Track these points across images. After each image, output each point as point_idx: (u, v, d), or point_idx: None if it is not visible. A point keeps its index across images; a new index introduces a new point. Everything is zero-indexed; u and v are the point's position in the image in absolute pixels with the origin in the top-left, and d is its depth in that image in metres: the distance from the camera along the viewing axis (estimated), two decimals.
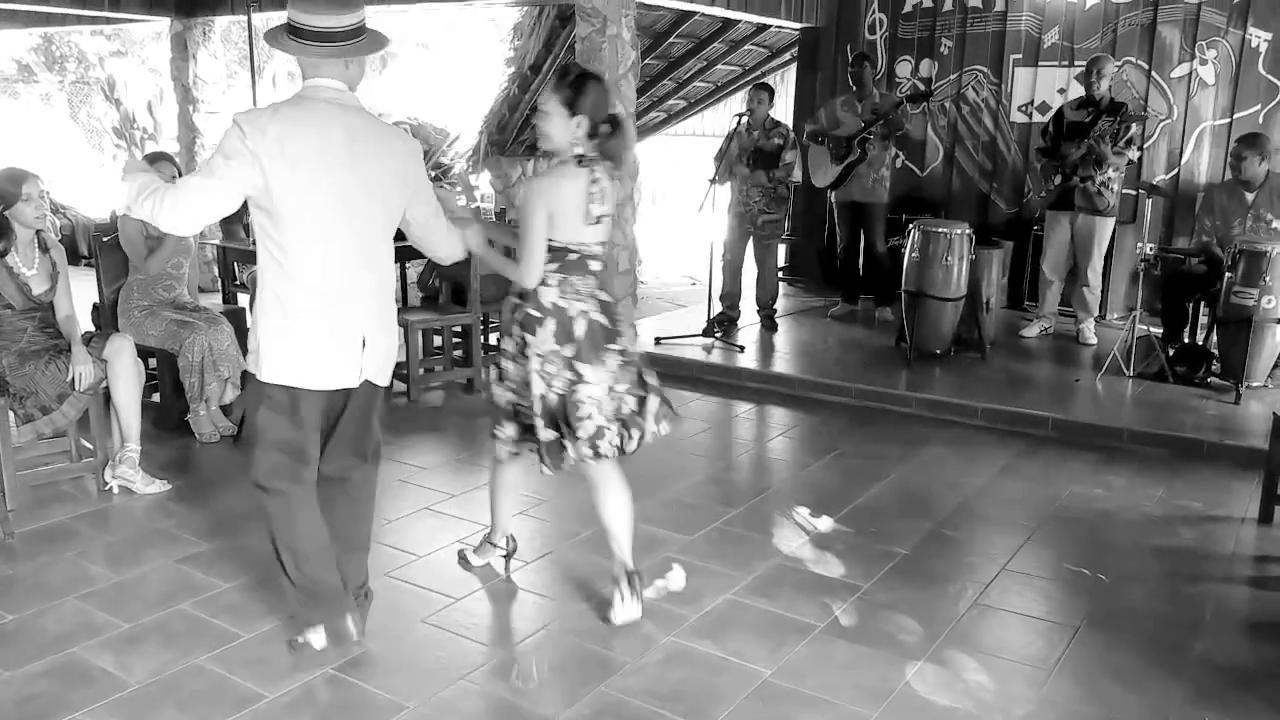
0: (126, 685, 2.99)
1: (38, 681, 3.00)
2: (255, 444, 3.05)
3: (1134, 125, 6.77)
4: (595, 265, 3.30)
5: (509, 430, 3.40)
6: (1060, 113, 7.03)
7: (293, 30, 2.86)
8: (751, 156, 7.14)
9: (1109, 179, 6.80)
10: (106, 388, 4.48)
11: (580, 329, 3.22)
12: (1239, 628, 3.51)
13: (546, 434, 3.25)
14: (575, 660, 3.20)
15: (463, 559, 3.83)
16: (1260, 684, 3.13)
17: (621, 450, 3.31)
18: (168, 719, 2.83)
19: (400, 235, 3.16)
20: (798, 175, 7.31)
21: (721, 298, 7.44)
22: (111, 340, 4.48)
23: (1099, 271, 7.13)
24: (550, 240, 3.20)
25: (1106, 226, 6.97)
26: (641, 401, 3.35)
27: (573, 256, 3.23)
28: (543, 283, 3.23)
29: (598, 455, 3.26)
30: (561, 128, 3.17)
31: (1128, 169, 7.26)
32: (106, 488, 4.44)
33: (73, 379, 4.28)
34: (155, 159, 5.24)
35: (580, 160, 3.20)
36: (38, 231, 4.42)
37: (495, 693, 3.01)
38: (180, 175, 5.23)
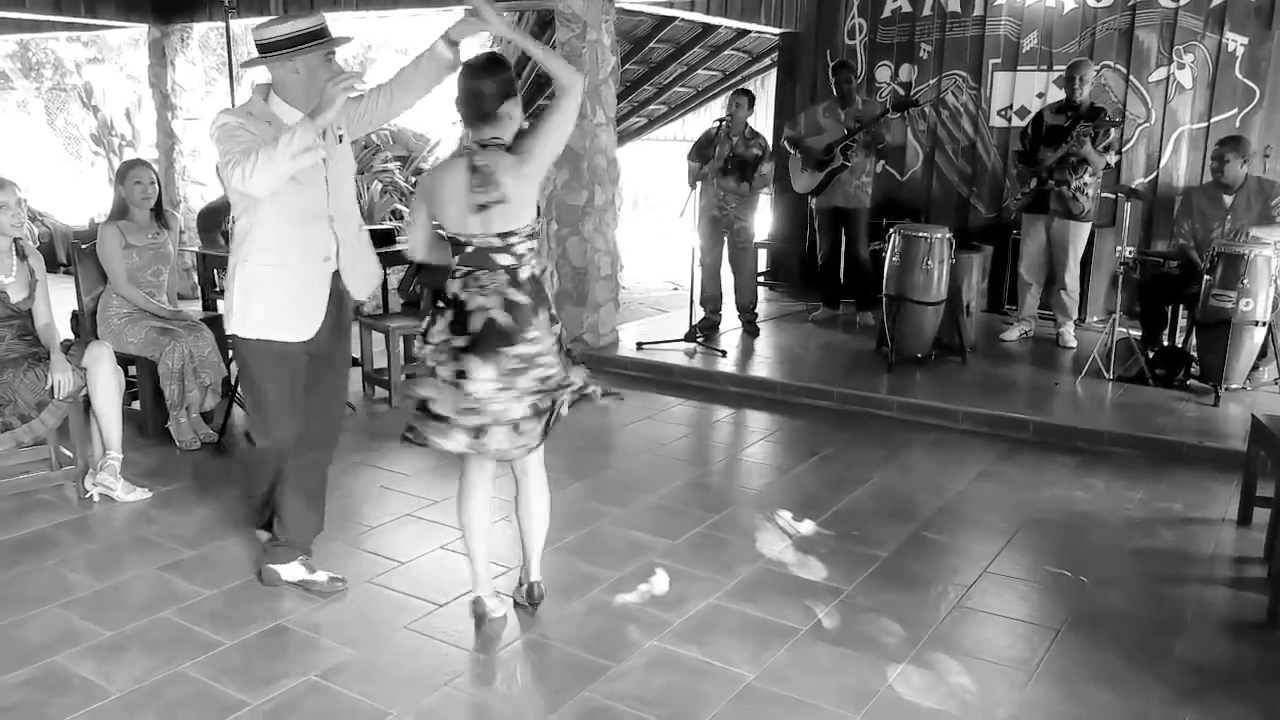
0: (108, 694, 2.97)
1: (18, 691, 2.98)
2: None
3: (1113, 130, 6.82)
4: (504, 260, 3.10)
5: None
6: (1039, 116, 7.08)
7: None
8: (729, 163, 7.15)
9: (1085, 184, 6.84)
10: (86, 395, 4.45)
11: (477, 324, 3.08)
12: (1219, 629, 3.54)
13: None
14: (558, 666, 3.20)
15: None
16: (1240, 684, 3.15)
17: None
18: None
19: (387, 240, 3.20)
20: (770, 187, 7.32)
21: (703, 302, 7.45)
22: (90, 348, 4.45)
23: (1076, 275, 7.17)
24: (441, 230, 3.18)
25: (1082, 231, 7.02)
26: (538, 409, 3.15)
27: (469, 249, 3.11)
28: (450, 275, 3.18)
29: (478, 451, 3.17)
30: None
31: (1107, 173, 7.31)
32: (86, 495, 4.41)
33: (52, 387, 4.25)
34: (133, 165, 5.21)
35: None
36: (15, 239, 4.39)
37: (479, 699, 3.00)
38: (158, 183, 5.23)
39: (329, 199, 3.38)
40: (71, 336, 5.20)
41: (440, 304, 3.18)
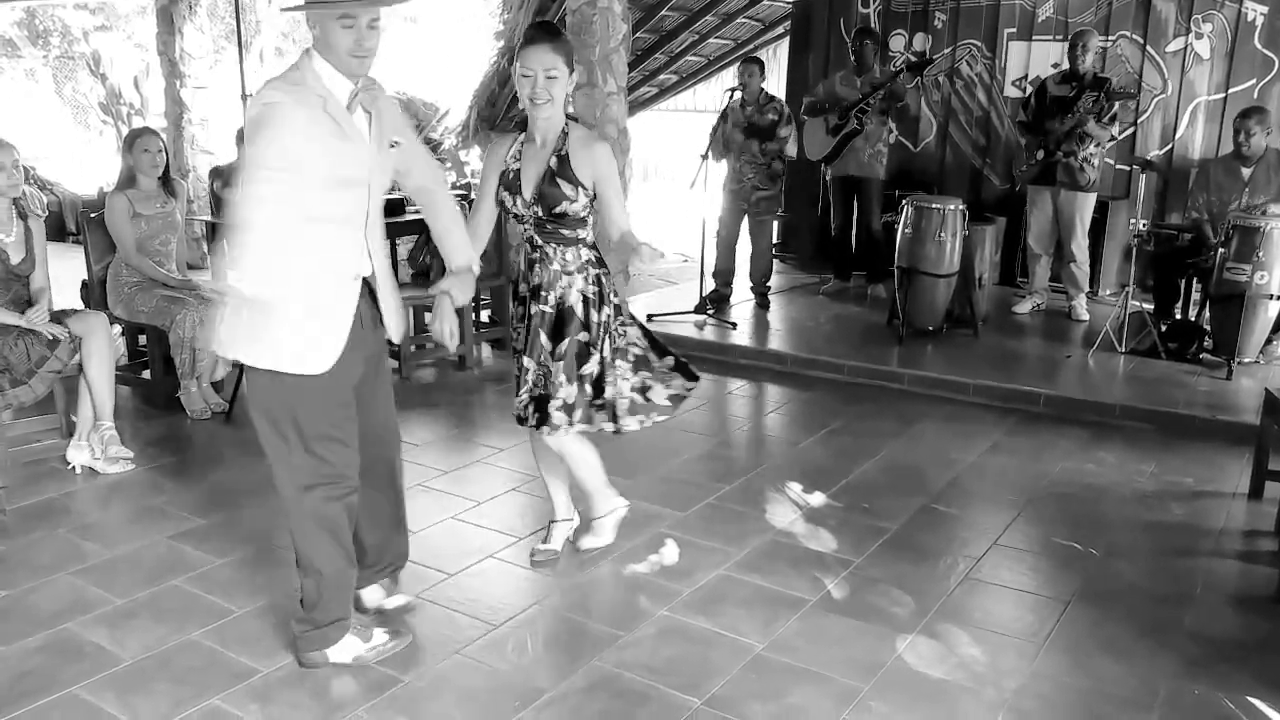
0: (120, 660, 2.99)
1: (32, 657, 3.00)
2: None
3: (1116, 103, 6.75)
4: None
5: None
6: (1043, 86, 7.02)
7: None
8: (745, 132, 7.10)
9: (1091, 154, 6.80)
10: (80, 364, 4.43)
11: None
12: (1228, 601, 3.53)
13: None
14: (569, 634, 3.21)
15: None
16: (1249, 656, 3.15)
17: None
18: (161, 694, 2.83)
19: (391, 211, 3.12)
20: (792, 151, 7.25)
21: (714, 275, 7.42)
22: (86, 317, 4.45)
23: (1084, 247, 7.12)
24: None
25: (1088, 202, 6.97)
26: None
27: None
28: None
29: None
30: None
31: (1121, 144, 7.25)
32: (70, 467, 4.40)
33: (40, 358, 4.26)
34: (140, 134, 5.20)
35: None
36: (15, 200, 4.40)
37: (490, 666, 3.01)
38: (166, 151, 5.22)
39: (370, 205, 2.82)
40: (82, 306, 5.21)
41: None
